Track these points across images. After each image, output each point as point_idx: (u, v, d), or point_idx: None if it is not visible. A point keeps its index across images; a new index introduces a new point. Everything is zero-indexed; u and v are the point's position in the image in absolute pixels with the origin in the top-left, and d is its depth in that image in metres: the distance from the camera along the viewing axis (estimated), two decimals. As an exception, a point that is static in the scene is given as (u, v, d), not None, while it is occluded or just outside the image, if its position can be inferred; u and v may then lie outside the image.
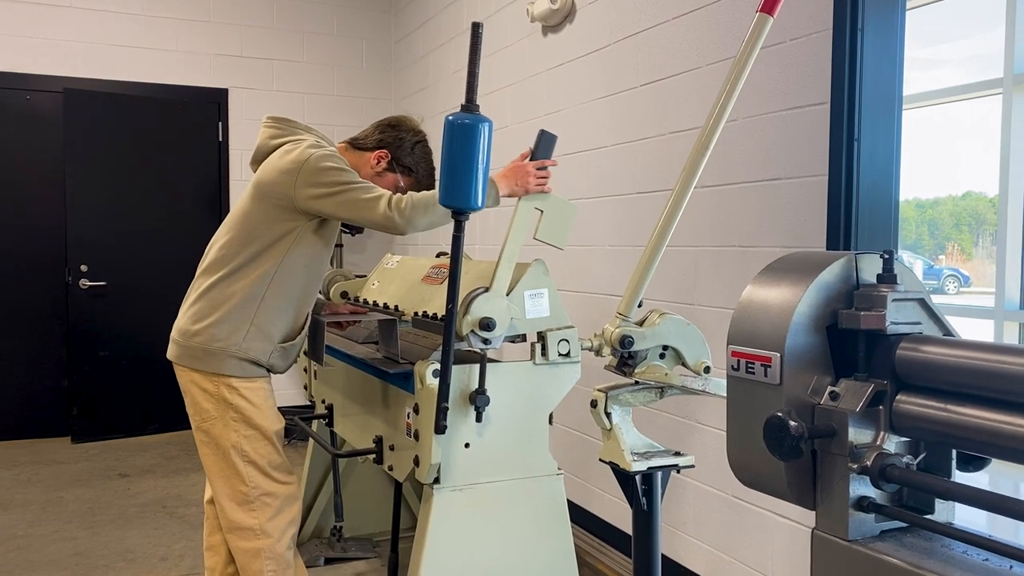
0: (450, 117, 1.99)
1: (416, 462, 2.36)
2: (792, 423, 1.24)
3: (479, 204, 2.01)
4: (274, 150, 2.57)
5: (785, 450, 1.25)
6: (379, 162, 2.68)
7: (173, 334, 2.57)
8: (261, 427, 2.50)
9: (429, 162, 2.77)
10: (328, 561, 3.62)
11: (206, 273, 2.54)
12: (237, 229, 2.52)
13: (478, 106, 2.01)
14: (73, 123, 5.67)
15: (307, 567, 3.56)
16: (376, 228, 2.42)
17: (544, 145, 2.33)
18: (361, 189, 2.41)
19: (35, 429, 5.82)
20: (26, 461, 5.28)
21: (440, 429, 2.20)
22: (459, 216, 2.07)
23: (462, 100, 1.98)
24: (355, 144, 2.72)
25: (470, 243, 5.06)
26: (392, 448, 2.60)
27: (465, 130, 1.97)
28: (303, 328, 2.65)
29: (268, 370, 2.55)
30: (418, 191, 2.55)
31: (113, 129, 5.79)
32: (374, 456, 2.68)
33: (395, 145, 2.68)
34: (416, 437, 2.36)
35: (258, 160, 2.62)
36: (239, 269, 2.48)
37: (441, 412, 2.21)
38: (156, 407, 5.83)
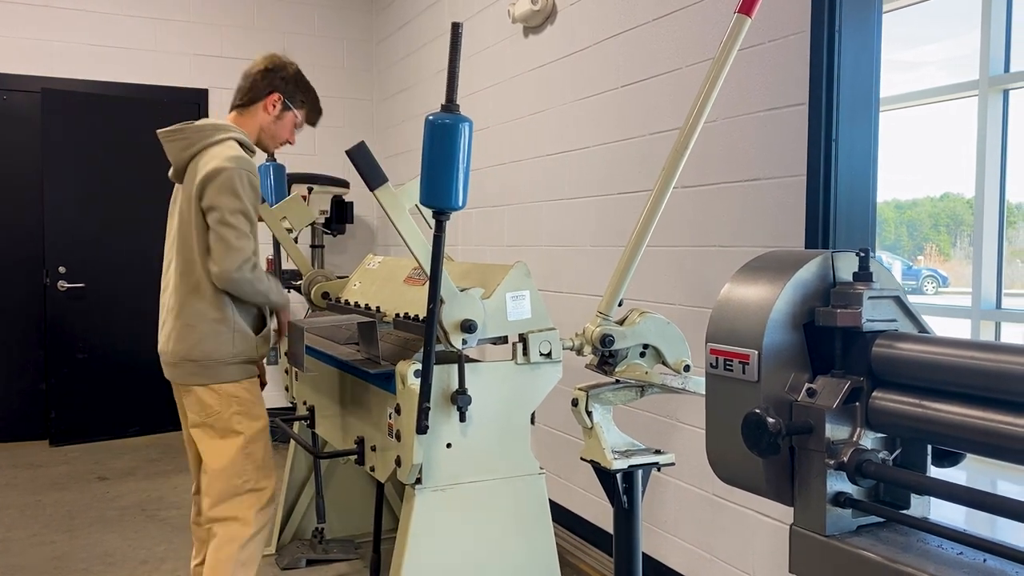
0: (430, 117, 1.99)
1: (398, 462, 2.36)
2: (770, 420, 1.25)
3: (460, 204, 2.02)
4: (194, 157, 2.64)
5: (763, 447, 1.26)
6: (275, 107, 2.75)
7: (165, 357, 2.69)
8: (260, 418, 2.68)
9: (310, 87, 2.86)
10: (310, 563, 3.60)
11: (173, 294, 2.66)
12: (182, 245, 2.65)
13: (458, 106, 2.01)
14: (51, 123, 5.62)
15: (289, 569, 3.56)
16: (218, 272, 2.53)
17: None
18: (238, 233, 2.53)
19: (12, 432, 5.76)
20: (3, 465, 5.22)
21: (422, 429, 2.21)
22: (440, 216, 2.07)
23: (443, 100, 1.98)
24: (243, 105, 2.76)
25: (450, 244, 5.06)
26: (374, 449, 2.60)
27: (446, 130, 1.97)
28: (264, 310, 2.79)
29: (255, 362, 2.71)
30: (310, 117, 2.84)
31: (92, 129, 5.75)
32: (356, 457, 2.68)
33: (283, 85, 2.76)
34: (398, 437, 2.36)
35: (180, 172, 2.70)
36: (198, 285, 2.60)
37: (423, 412, 2.21)
38: (136, 409, 5.79)
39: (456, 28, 1.94)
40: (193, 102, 6.10)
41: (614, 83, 3.60)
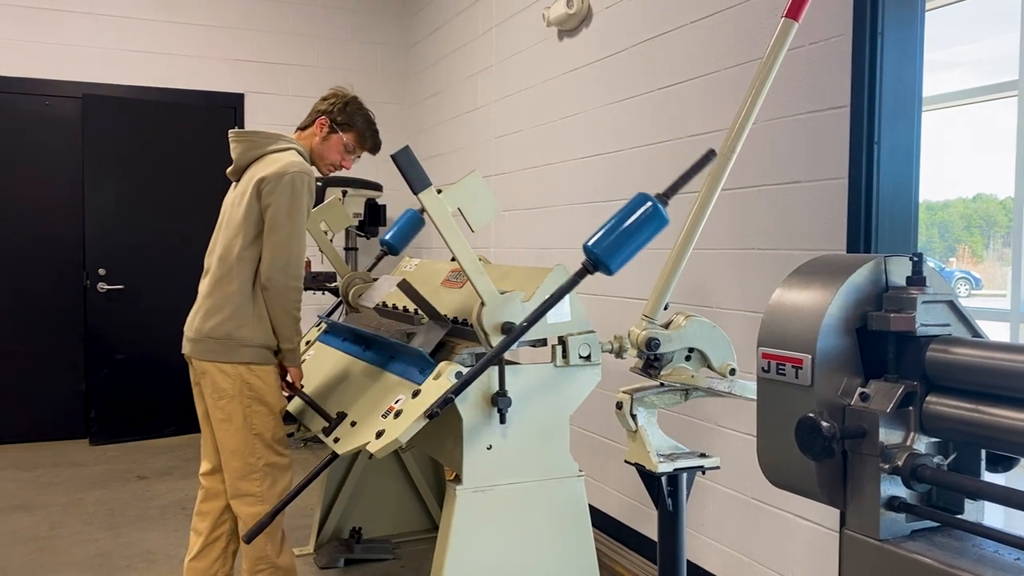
0: (652, 198, 2.08)
1: (378, 435, 2.34)
2: (824, 424, 1.26)
3: (612, 270, 2.08)
4: (255, 160, 2.82)
5: (817, 450, 1.27)
6: (321, 128, 2.95)
7: (188, 333, 2.83)
8: (270, 404, 2.76)
9: (364, 115, 3.02)
10: (347, 563, 3.64)
11: (208, 276, 2.82)
12: (226, 233, 2.80)
13: (668, 204, 2.06)
14: (92, 128, 5.73)
15: (327, 568, 3.60)
16: (266, 269, 2.68)
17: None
18: (297, 236, 2.70)
19: (54, 432, 5.87)
20: (46, 463, 5.32)
21: (432, 414, 2.16)
22: (591, 267, 2.11)
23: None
24: (302, 128, 3.02)
25: (484, 246, 5.09)
26: (353, 424, 2.62)
27: (655, 216, 2.03)
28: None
29: (276, 354, 2.78)
30: (362, 141, 3.01)
31: (131, 134, 5.85)
32: (326, 426, 2.69)
33: (328, 111, 2.96)
34: (396, 416, 2.35)
35: (239, 171, 2.88)
36: (232, 269, 2.73)
37: (445, 401, 2.17)
38: (172, 410, 5.87)
39: (709, 155, 2.04)
40: (229, 106, 6.18)
41: (649, 86, 3.60)
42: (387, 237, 3.54)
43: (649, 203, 2.07)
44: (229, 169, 2.91)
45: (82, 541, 3.96)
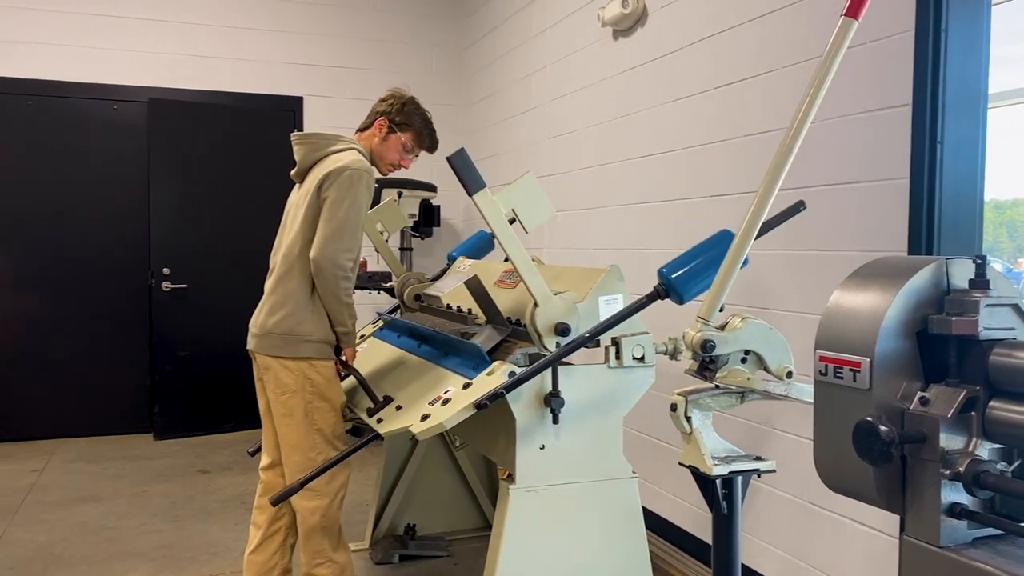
0: (735, 233, 2.08)
1: (423, 419, 2.36)
2: (883, 428, 1.24)
3: (684, 300, 2.16)
4: (317, 162, 2.89)
5: (875, 455, 1.25)
6: (380, 129, 3.02)
7: (253, 329, 2.91)
8: (331, 400, 2.82)
9: (422, 115, 3.08)
10: (402, 559, 3.69)
11: (272, 274, 2.91)
12: (289, 232, 2.88)
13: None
14: (157, 132, 5.90)
15: (382, 564, 3.65)
16: (316, 256, 2.73)
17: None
18: (349, 228, 2.74)
19: (120, 425, 6.07)
20: (113, 456, 5.50)
21: (481, 404, 2.17)
22: (663, 292, 2.18)
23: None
24: (362, 129, 3.08)
25: (537, 246, 5.10)
26: (398, 409, 2.66)
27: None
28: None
29: (332, 346, 2.84)
30: (420, 141, 3.06)
31: (194, 137, 6.01)
32: (371, 407, 2.74)
33: (387, 112, 3.03)
34: (443, 404, 2.38)
35: (302, 172, 2.95)
36: (293, 266, 2.80)
37: (494, 396, 2.19)
38: (232, 406, 6.01)
39: (798, 205, 2.14)
40: (289, 109, 6.31)
41: (705, 85, 3.57)
42: (454, 253, 3.60)
43: (729, 240, 2.08)
44: (293, 171, 2.98)
45: (147, 532, 4.09)
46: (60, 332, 5.96)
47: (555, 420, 2.37)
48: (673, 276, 2.15)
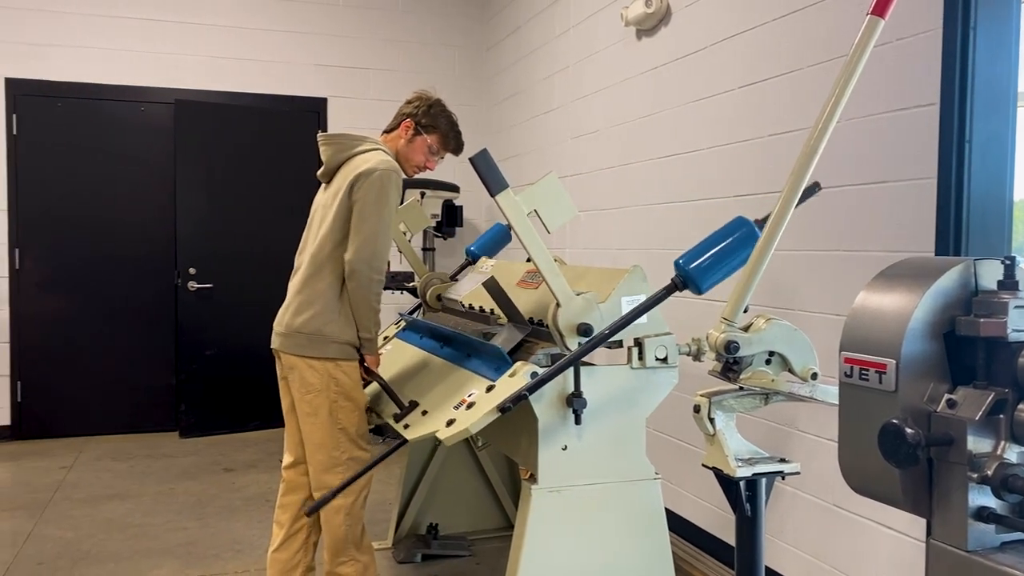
0: (749, 222, 2.12)
1: (448, 424, 2.36)
2: (909, 430, 1.23)
3: (702, 290, 2.14)
4: (344, 162, 2.90)
5: (901, 457, 1.24)
6: (406, 131, 3.02)
7: (278, 328, 2.92)
8: (355, 399, 2.84)
9: (448, 117, 3.08)
10: (425, 558, 3.70)
11: (299, 274, 2.91)
12: (318, 232, 2.88)
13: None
14: (183, 133, 5.97)
15: (404, 563, 3.67)
16: (350, 258, 2.76)
17: None
18: (383, 230, 2.78)
19: (147, 424, 6.15)
20: (139, 454, 5.57)
21: (505, 408, 2.18)
22: (680, 283, 2.17)
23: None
24: (388, 131, 3.08)
25: (559, 247, 5.09)
26: (424, 413, 2.66)
27: (750, 239, 2.07)
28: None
29: (359, 350, 2.86)
30: (445, 143, 3.07)
31: (220, 138, 6.07)
32: (397, 412, 2.72)
33: (412, 113, 3.03)
34: (468, 407, 2.38)
35: (329, 173, 2.95)
36: (323, 267, 2.82)
37: (518, 398, 2.19)
38: (257, 405, 6.06)
39: (813, 187, 2.11)
40: (313, 110, 6.35)
41: (729, 85, 3.55)
42: (472, 248, 3.61)
43: (745, 227, 2.07)
44: (320, 171, 3.00)
45: (173, 529, 4.13)
46: (88, 331, 6.05)
47: (577, 421, 2.37)
48: (691, 267, 2.12)
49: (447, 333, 2.97)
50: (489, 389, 2.40)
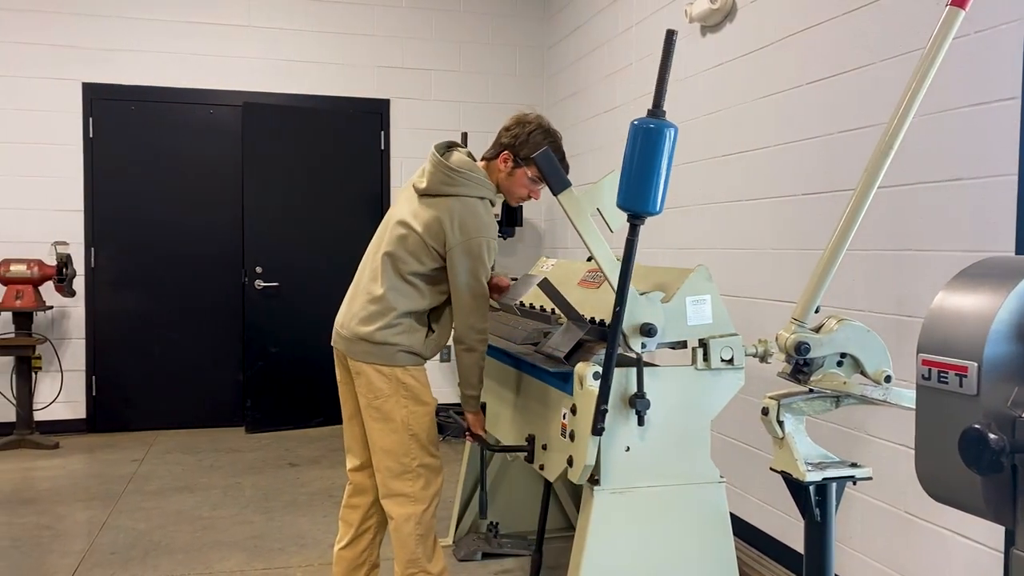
0: (636, 121, 2.03)
1: (569, 462, 2.38)
2: (992, 436, 1.18)
3: (657, 209, 2.05)
4: (446, 195, 2.75)
5: (984, 464, 1.19)
6: (506, 163, 2.84)
7: (343, 332, 2.84)
8: (426, 403, 2.79)
9: (552, 141, 2.85)
10: (485, 556, 3.71)
11: (373, 281, 2.80)
12: (400, 247, 2.76)
13: (664, 112, 2.03)
14: (251, 134, 6.10)
15: (465, 560, 3.68)
16: (458, 331, 2.76)
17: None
18: (482, 296, 2.73)
19: (214, 419, 6.29)
20: (207, 448, 5.71)
21: (597, 431, 2.22)
22: (635, 220, 2.11)
23: (649, 104, 2.00)
24: (488, 159, 2.91)
25: (621, 246, 5.04)
26: (545, 447, 2.64)
27: (649, 134, 2.00)
28: (444, 343, 2.92)
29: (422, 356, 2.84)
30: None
31: (286, 139, 6.18)
32: (525, 455, 2.73)
33: (511, 144, 2.84)
34: (571, 438, 2.38)
35: (429, 193, 2.78)
36: (401, 286, 2.75)
37: (600, 414, 2.22)
38: (320, 402, 6.15)
39: (670, 36, 1.97)
40: (376, 112, 6.43)
41: (797, 81, 3.48)
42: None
43: (641, 132, 2.01)
44: (421, 186, 2.81)
45: (239, 523, 4.22)
46: (159, 329, 6.22)
47: (640, 422, 2.34)
48: (629, 204, 2.07)
49: (517, 360, 2.95)
50: (573, 410, 2.39)
